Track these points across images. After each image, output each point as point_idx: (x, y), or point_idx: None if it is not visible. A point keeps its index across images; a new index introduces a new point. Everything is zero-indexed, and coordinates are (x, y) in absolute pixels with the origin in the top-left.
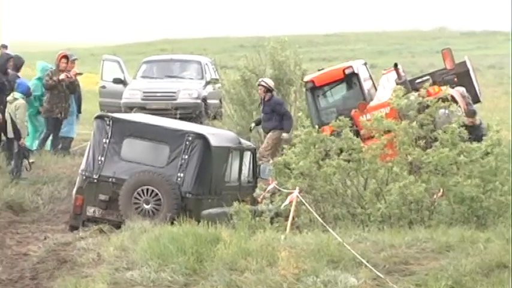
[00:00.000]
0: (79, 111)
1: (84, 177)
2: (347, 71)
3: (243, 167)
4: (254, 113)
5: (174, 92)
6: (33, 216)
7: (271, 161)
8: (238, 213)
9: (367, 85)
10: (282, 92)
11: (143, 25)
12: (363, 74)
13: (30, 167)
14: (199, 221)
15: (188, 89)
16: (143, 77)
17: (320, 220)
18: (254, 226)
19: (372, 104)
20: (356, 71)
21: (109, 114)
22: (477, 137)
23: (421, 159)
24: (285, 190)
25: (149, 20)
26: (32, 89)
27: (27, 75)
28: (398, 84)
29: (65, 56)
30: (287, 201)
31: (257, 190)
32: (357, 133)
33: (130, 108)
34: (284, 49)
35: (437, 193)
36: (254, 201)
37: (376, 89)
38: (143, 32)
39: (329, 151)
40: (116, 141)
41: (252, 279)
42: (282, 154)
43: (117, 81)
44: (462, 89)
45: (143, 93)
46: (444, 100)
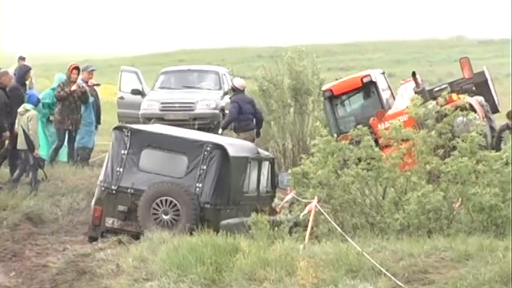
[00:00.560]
0: (98, 122)
1: (102, 188)
2: (365, 80)
3: (262, 177)
4: (272, 123)
5: (192, 103)
6: (52, 227)
7: None
8: (256, 223)
9: (385, 95)
10: (300, 102)
11: (161, 36)
12: (381, 84)
13: (46, 177)
14: (217, 231)
15: (206, 100)
16: (161, 88)
17: (339, 229)
18: (273, 236)
19: (390, 112)
20: (374, 80)
21: (127, 125)
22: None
23: (440, 168)
24: (304, 200)
25: (167, 31)
26: (43, 97)
27: (46, 86)
28: (416, 92)
29: (76, 68)
30: (306, 210)
31: (276, 200)
32: (376, 141)
33: (148, 119)
34: (302, 59)
35: (456, 202)
36: (273, 211)
37: (394, 99)
38: (161, 43)
39: (347, 160)
40: (134, 152)
41: None
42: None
43: (135, 92)
44: (480, 98)
45: (161, 104)
46: (462, 109)
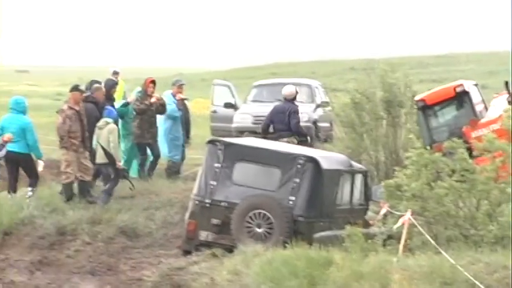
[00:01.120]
0: (187, 136)
1: (196, 201)
2: (458, 89)
3: (355, 190)
4: (365, 136)
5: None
6: (146, 241)
7: None
8: (350, 236)
9: (478, 108)
10: (393, 114)
11: (253, 49)
12: (475, 96)
13: (133, 186)
14: (311, 244)
15: None
16: (253, 101)
17: (432, 242)
18: (366, 249)
19: (483, 121)
20: (467, 89)
21: (220, 138)
22: None
23: None
24: (397, 212)
25: (259, 45)
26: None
27: None
28: (510, 103)
29: (153, 81)
30: (399, 223)
31: (369, 213)
32: (469, 150)
33: (241, 132)
34: (394, 71)
35: None
36: (366, 223)
37: (487, 110)
38: (253, 57)
39: (441, 172)
40: (228, 165)
41: None
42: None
43: (227, 105)
44: None
45: (254, 117)
46: None
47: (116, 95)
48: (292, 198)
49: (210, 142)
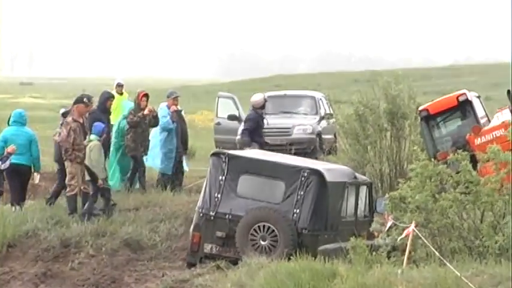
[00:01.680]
0: (185, 147)
1: (201, 214)
2: (461, 98)
3: (359, 202)
4: (369, 148)
5: (289, 128)
6: (150, 253)
7: None
8: (354, 248)
9: (482, 120)
10: (396, 126)
11: (257, 62)
12: (477, 106)
13: (115, 205)
14: (315, 257)
15: (303, 125)
16: None
17: (437, 254)
18: (371, 261)
19: (486, 128)
20: (469, 99)
21: (225, 151)
22: None
23: None
24: (401, 224)
25: (262, 57)
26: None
27: None
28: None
29: (146, 95)
30: (403, 235)
31: (373, 224)
32: (472, 157)
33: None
34: (398, 83)
35: None
36: (371, 235)
37: (490, 122)
38: (257, 69)
39: (445, 184)
40: (232, 178)
41: None
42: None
43: (232, 117)
44: None
45: None
46: None
47: (112, 107)
48: (296, 211)
49: (214, 154)
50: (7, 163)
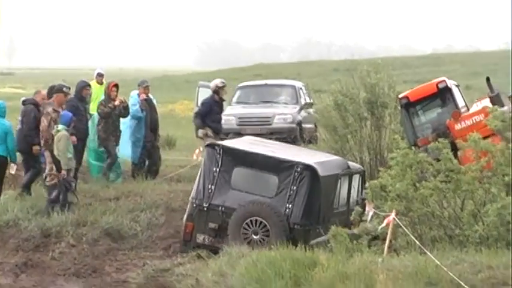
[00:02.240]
0: (155, 137)
1: (194, 204)
2: (440, 85)
3: (352, 190)
4: (349, 137)
5: (269, 117)
6: (131, 243)
7: None
8: (335, 236)
9: (461, 110)
10: (376, 115)
11: (237, 51)
12: (457, 94)
13: (77, 199)
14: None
15: (283, 114)
16: (238, 103)
17: (417, 242)
18: (351, 249)
19: (466, 114)
20: (449, 86)
21: (220, 142)
22: None
23: None
24: (382, 213)
25: (243, 46)
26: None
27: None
28: (490, 97)
29: (116, 85)
30: (384, 223)
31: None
32: (453, 144)
33: (225, 134)
34: (377, 72)
35: None
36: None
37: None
38: (237, 58)
39: (425, 172)
40: (226, 170)
41: None
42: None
43: None
44: None
45: (238, 118)
46: None
47: (92, 96)
48: (288, 206)
49: (209, 146)
50: None
